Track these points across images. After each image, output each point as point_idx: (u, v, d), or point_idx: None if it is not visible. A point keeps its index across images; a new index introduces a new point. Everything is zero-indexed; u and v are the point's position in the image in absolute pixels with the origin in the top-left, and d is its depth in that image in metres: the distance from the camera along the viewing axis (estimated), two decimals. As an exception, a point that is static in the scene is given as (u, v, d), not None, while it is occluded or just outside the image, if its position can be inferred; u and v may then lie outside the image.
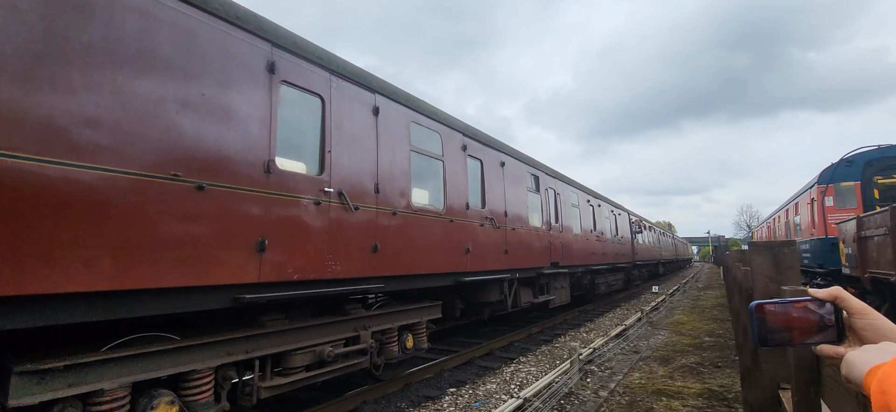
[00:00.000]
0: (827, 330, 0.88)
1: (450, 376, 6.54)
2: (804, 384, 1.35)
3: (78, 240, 2.72)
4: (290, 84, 4.30)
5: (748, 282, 2.69)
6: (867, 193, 10.77)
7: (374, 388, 5.57)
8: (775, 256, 2.11)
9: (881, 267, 6.39)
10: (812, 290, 0.91)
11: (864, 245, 7.16)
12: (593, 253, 13.59)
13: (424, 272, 5.87)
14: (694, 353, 7.61)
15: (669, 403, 5.07)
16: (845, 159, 11.24)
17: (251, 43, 3.92)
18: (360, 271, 4.80)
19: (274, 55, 4.13)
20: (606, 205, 16.32)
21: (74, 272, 2.71)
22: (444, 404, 5.42)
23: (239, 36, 3.82)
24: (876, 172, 10.82)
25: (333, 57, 4.92)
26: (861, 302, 0.88)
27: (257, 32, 4.00)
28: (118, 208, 2.92)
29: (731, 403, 5.03)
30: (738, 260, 5.82)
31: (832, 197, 11.18)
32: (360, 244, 4.82)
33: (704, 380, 5.95)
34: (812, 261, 12.24)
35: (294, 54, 4.36)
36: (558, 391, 5.32)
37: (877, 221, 6.56)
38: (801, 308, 0.89)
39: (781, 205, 18.77)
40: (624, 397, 5.36)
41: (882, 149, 11.00)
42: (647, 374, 6.35)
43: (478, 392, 5.84)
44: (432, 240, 6.11)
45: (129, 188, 2.98)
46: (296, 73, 4.35)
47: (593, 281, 14.13)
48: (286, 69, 4.24)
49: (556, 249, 10.53)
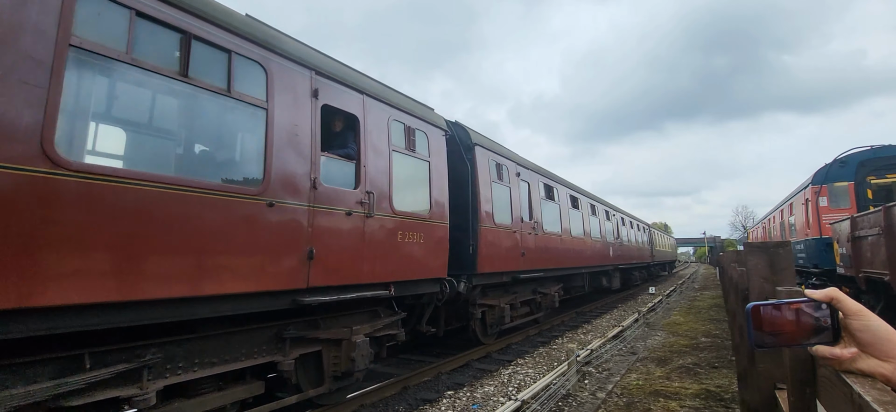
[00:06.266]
0: (823, 331, 0.88)
1: (447, 379, 6.53)
2: (800, 384, 1.36)
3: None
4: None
5: (744, 283, 2.71)
6: (861, 193, 10.86)
7: (371, 392, 5.56)
8: (770, 257, 2.12)
9: (875, 266, 6.44)
10: (808, 292, 0.92)
11: (859, 245, 7.21)
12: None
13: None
14: (691, 354, 7.63)
15: (667, 404, 5.08)
16: (839, 160, 11.33)
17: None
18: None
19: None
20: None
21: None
22: (442, 407, 5.41)
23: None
24: (869, 173, 10.92)
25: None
26: (856, 303, 0.88)
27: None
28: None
29: (728, 404, 5.05)
30: (734, 261, 5.86)
31: (826, 197, 11.26)
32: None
33: (701, 381, 5.97)
34: (807, 262, 12.32)
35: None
36: (556, 393, 5.32)
37: (870, 221, 6.61)
38: (797, 310, 0.89)
39: (776, 205, 18.89)
40: (621, 398, 5.36)
41: (875, 149, 11.10)
42: (645, 375, 6.36)
43: (476, 394, 5.83)
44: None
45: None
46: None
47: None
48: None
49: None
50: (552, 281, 11.04)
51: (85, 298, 2.77)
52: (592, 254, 13.73)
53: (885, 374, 0.82)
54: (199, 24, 3.56)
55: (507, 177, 8.61)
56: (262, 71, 4.05)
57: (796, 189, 14.15)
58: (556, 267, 10.66)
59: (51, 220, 2.64)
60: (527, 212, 9.34)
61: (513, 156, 9.20)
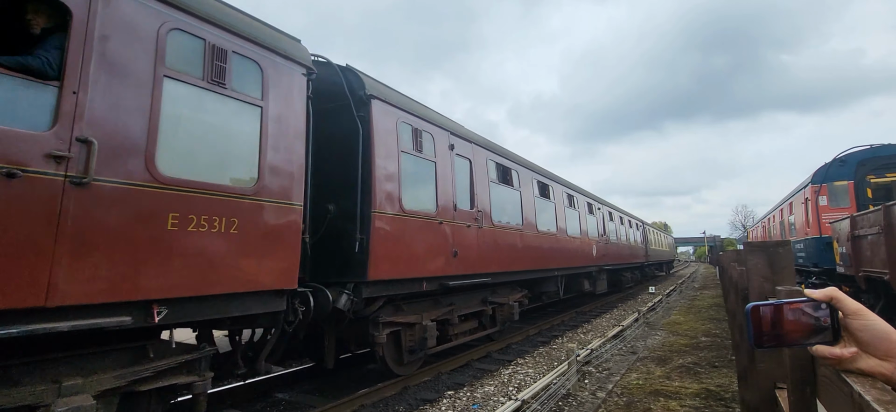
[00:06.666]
0: (823, 331, 0.88)
1: (448, 379, 6.53)
2: (800, 384, 1.36)
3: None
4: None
5: (744, 282, 2.70)
6: (860, 193, 10.86)
7: (371, 392, 5.55)
8: (770, 256, 2.11)
9: (875, 265, 6.44)
10: (808, 291, 0.92)
11: (858, 244, 7.21)
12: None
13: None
14: (691, 353, 7.63)
15: (667, 403, 5.08)
16: (838, 159, 11.33)
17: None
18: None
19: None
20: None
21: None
22: (443, 407, 5.41)
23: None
24: (868, 172, 10.92)
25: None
26: (856, 302, 0.88)
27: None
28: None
29: (728, 403, 5.05)
30: (734, 260, 5.85)
31: (826, 196, 11.26)
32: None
33: (701, 380, 5.97)
34: (806, 261, 12.32)
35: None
36: (556, 392, 5.32)
37: (870, 220, 6.61)
38: (797, 309, 0.89)
39: (776, 204, 18.89)
40: (621, 398, 5.36)
41: (874, 148, 11.10)
42: (645, 375, 6.36)
43: (476, 394, 5.84)
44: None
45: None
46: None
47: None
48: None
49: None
50: (509, 287, 9.01)
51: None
52: (569, 254, 11.74)
53: (885, 374, 0.82)
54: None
55: (431, 148, 6.57)
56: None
57: (796, 188, 14.15)
58: (515, 269, 8.62)
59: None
60: (465, 198, 7.25)
61: (444, 122, 7.13)
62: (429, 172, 6.52)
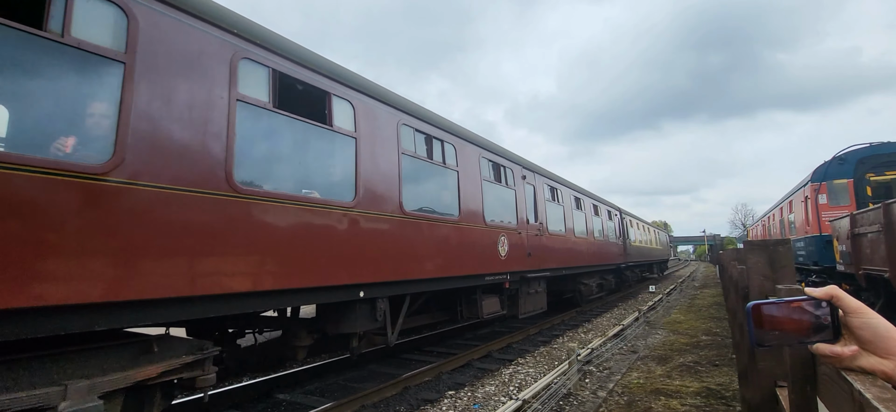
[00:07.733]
0: (823, 329, 0.89)
1: (448, 379, 6.53)
2: (801, 382, 1.36)
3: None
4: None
5: (744, 281, 2.71)
6: (860, 191, 10.86)
7: (372, 392, 5.56)
8: (770, 255, 2.12)
9: (875, 263, 6.44)
10: (808, 290, 0.92)
11: (858, 242, 7.22)
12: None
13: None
14: (691, 352, 7.64)
15: (668, 402, 5.08)
16: (838, 157, 11.34)
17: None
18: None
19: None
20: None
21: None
22: (444, 407, 5.41)
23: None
24: (868, 170, 10.92)
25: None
26: (857, 301, 0.89)
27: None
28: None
29: (728, 401, 5.06)
30: (734, 259, 5.85)
31: (825, 194, 11.27)
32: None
33: (702, 379, 5.97)
34: (807, 259, 12.32)
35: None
36: (557, 392, 5.32)
37: (870, 218, 6.62)
38: (798, 308, 0.90)
39: (775, 203, 18.89)
40: (622, 397, 5.37)
41: (874, 146, 11.10)
42: (646, 374, 6.36)
43: (477, 394, 5.84)
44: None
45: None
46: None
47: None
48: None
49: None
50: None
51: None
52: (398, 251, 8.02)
53: (885, 372, 0.82)
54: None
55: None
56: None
57: (795, 186, 14.15)
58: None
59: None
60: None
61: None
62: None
